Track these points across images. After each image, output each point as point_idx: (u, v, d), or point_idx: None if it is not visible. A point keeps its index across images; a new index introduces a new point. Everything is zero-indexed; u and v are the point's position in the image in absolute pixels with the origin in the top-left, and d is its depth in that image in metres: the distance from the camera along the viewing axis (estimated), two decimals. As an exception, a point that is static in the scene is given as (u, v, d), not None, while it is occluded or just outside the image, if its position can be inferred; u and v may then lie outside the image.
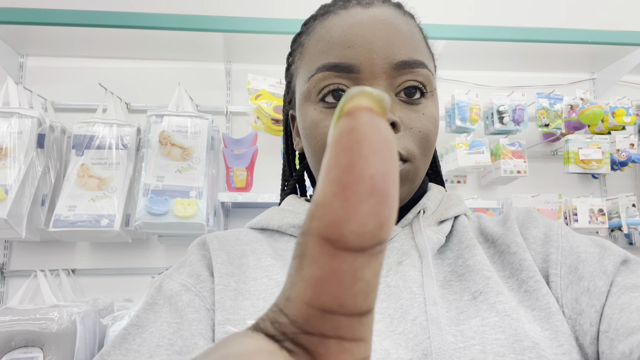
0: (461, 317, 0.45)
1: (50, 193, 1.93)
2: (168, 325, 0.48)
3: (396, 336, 0.44)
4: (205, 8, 2.03)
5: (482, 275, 0.47)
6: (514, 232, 0.53)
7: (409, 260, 0.49)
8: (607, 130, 2.36)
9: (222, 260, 0.52)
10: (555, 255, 0.49)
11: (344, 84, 0.50)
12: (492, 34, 2.10)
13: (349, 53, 0.50)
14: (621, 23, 2.30)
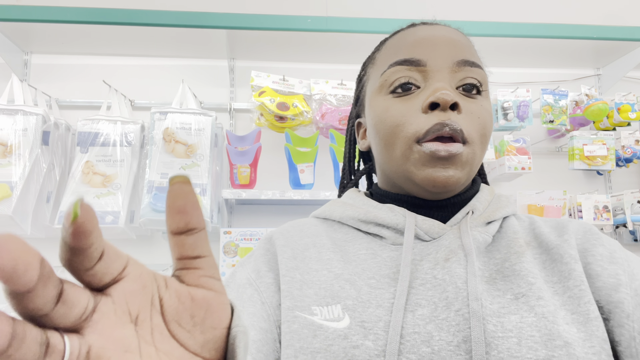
0: (502, 311, 0.50)
1: (55, 190, 1.94)
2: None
3: (439, 321, 0.49)
4: (209, 5, 2.03)
5: (526, 281, 0.52)
6: (569, 245, 0.57)
7: (455, 257, 0.54)
8: (612, 126, 2.35)
9: (288, 256, 0.59)
10: (623, 277, 0.53)
11: (414, 77, 0.57)
12: (496, 30, 2.09)
13: (418, 50, 0.58)
14: (626, 19, 2.28)
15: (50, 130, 1.90)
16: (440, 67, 0.57)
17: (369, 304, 0.51)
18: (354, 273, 0.55)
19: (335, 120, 2.08)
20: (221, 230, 1.91)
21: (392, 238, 0.58)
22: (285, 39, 2.21)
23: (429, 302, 0.51)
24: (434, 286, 0.52)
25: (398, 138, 0.56)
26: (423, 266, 0.54)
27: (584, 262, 0.55)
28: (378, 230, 0.59)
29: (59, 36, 2.15)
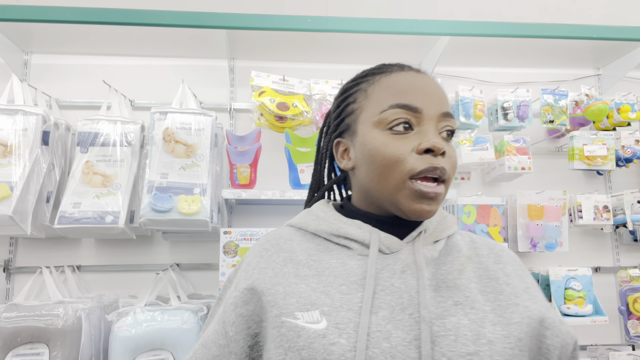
0: (445, 314, 0.64)
1: (55, 190, 1.94)
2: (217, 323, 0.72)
3: (396, 322, 0.62)
4: (209, 5, 2.03)
5: (463, 293, 0.67)
6: (504, 272, 0.73)
7: (410, 270, 0.68)
8: (612, 126, 2.35)
9: (270, 276, 0.70)
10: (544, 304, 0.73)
11: (411, 120, 0.69)
12: (496, 30, 2.09)
13: (415, 98, 0.69)
14: (627, 18, 2.28)
15: (50, 130, 1.90)
16: (431, 115, 0.69)
17: (341, 309, 0.63)
18: (327, 283, 0.67)
19: (335, 120, 2.08)
20: (221, 230, 1.91)
21: (358, 250, 0.71)
22: (285, 39, 2.21)
23: (388, 305, 0.64)
24: (392, 292, 0.65)
25: (394, 171, 0.68)
26: (384, 275, 0.67)
27: (525, 285, 0.72)
28: (347, 242, 0.72)
29: (59, 36, 2.15)
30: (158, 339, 1.71)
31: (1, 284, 2.09)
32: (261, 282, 0.69)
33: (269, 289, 0.68)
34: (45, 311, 1.69)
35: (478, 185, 2.43)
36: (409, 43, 2.26)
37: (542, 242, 2.19)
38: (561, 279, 2.14)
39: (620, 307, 2.21)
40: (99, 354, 1.78)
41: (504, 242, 2.15)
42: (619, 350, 2.25)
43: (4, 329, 1.65)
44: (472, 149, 2.12)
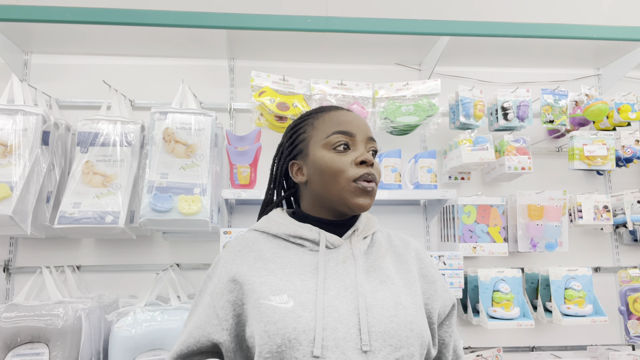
0: (374, 289, 0.90)
1: (55, 190, 1.94)
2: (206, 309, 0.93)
3: (341, 298, 0.87)
4: (209, 5, 2.03)
5: (385, 274, 0.94)
6: (411, 256, 1.02)
7: (349, 260, 0.94)
8: (612, 126, 2.35)
9: (246, 270, 0.92)
10: (438, 277, 1.03)
11: (348, 142, 0.96)
12: (496, 30, 2.09)
13: (351, 127, 0.97)
14: (626, 19, 2.28)
15: (50, 130, 1.90)
16: (361, 139, 0.97)
17: (302, 292, 0.87)
18: (290, 274, 0.91)
19: (335, 120, 2.08)
20: (221, 230, 1.91)
21: (310, 246, 0.96)
22: (285, 39, 2.21)
23: (335, 287, 0.89)
24: (337, 277, 0.91)
25: (341, 177, 0.94)
26: (330, 264, 0.92)
27: (420, 266, 1.01)
28: (301, 241, 0.96)
29: (59, 36, 2.15)
30: (158, 339, 1.71)
31: (1, 284, 2.10)
32: (240, 275, 0.91)
33: (247, 279, 0.90)
34: (45, 311, 1.69)
35: (478, 185, 2.43)
36: (409, 43, 2.27)
37: (542, 242, 2.19)
38: (561, 279, 2.14)
39: (620, 307, 2.21)
40: (99, 354, 1.78)
41: (504, 242, 2.15)
42: (619, 350, 2.25)
43: (4, 329, 1.65)
44: (472, 149, 2.12)
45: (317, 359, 0.80)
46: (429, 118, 2.13)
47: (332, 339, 0.82)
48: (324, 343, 0.81)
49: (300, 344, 0.80)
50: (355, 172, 0.93)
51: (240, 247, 0.97)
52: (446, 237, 2.27)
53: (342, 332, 0.83)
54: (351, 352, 0.82)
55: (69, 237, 2.04)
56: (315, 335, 0.81)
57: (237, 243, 0.99)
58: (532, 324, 2.05)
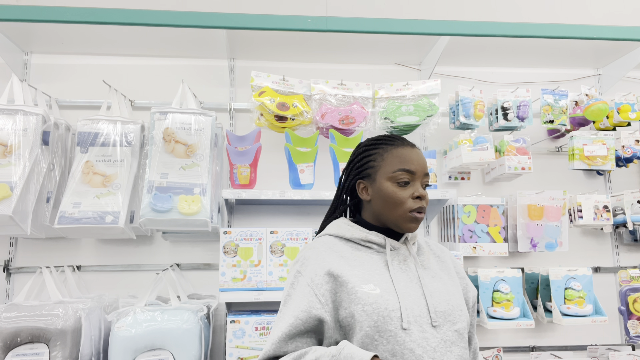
0: (431, 281, 1.17)
1: (55, 190, 1.94)
2: (306, 297, 1.11)
3: (409, 287, 1.13)
4: (209, 5, 2.03)
5: (434, 271, 1.21)
6: (447, 260, 1.29)
7: (409, 260, 1.20)
8: (612, 126, 2.35)
9: (336, 266, 1.13)
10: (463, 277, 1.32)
11: (409, 178, 1.17)
12: (496, 30, 2.09)
13: (412, 166, 1.18)
14: (626, 19, 2.28)
15: (50, 130, 1.90)
16: (419, 175, 1.19)
17: (382, 282, 1.12)
18: (367, 269, 1.15)
19: (335, 120, 2.08)
20: (221, 230, 1.91)
21: (376, 249, 1.20)
22: (285, 39, 2.21)
23: (403, 279, 1.15)
24: (402, 272, 1.16)
25: (400, 208, 1.17)
26: (394, 262, 1.18)
27: (454, 265, 1.29)
28: (370, 245, 1.20)
29: (59, 36, 2.15)
30: (158, 339, 1.71)
31: (1, 284, 2.10)
32: (334, 269, 1.12)
33: (340, 273, 1.11)
34: (45, 311, 1.69)
35: (478, 185, 2.43)
36: (409, 43, 2.27)
37: (542, 242, 2.19)
38: (561, 279, 2.14)
39: (620, 307, 2.21)
40: (99, 354, 1.78)
41: (504, 242, 2.15)
42: (619, 350, 2.25)
43: (4, 329, 1.65)
44: (472, 149, 2.12)
45: (405, 330, 1.06)
46: (429, 118, 2.13)
47: (412, 316, 1.08)
48: (407, 319, 1.07)
49: (391, 320, 1.06)
50: (411, 205, 1.16)
51: (324, 248, 1.19)
52: (446, 237, 2.27)
53: (417, 311, 1.09)
54: (426, 325, 1.09)
55: (69, 237, 2.04)
56: (402, 313, 1.07)
57: (319, 245, 1.20)
58: (532, 324, 2.05)
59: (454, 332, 1.11)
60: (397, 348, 1.05)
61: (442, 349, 1.07)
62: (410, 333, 1.06)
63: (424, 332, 1.07)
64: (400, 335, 1.05)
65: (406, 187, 1.17)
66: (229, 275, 1.88)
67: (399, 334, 1.05)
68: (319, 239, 1.23)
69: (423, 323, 1.08)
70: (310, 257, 1.17)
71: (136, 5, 1.96)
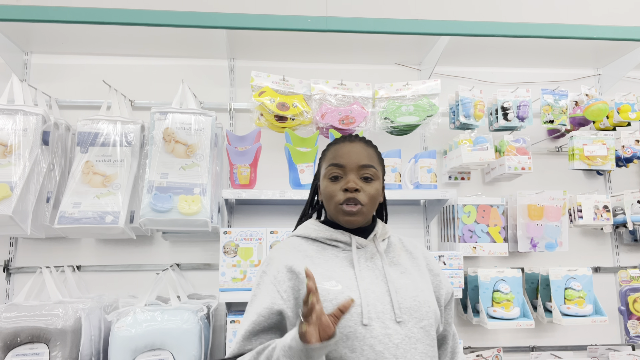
0: (398, 277, 1.17)
1: (55, 190, 1.94)
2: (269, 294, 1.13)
3: (374, 284, 1.14)
4: (209, 5, 2.03)
5: (403, 267, 1.21)
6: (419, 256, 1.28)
7: (376, 257, 1.20)
8: (612, 126, 2.35)
9: (299, 263, 1.15)
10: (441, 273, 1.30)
11: (339, 172, 1.19)
12: (496, 30, 2.09)
13: (342, 160, 1.19)
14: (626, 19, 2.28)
15: (50, 130, 1.90)
16: (350, 168, 1.19)
17: (345, 279, 1.13)
18: (331, 266, 1.16)
19: (335, 120, 2.08)
20: (221, 230, 1.91)
21: (342, 247, 1.21)
22: (285, 39, 2.21)
23: (368, 276, 1.15)
24: (369, 269, 1.17)
25: (331, 202, 1.18)
26: (361, 260, 1.18)
27: (427, 262, 1.27)
28: (336, 243, 1.21)
29: (59, 36, 2.15)
30: (158, 339, 1.71)
31: (1, 284, 2.10)
32: (296, 267, 1.14)
33: (301, 270, 1.13)
34: (45, 311, 1.69)
35: (478, 185, 2.43)
36: (409, 43, 2.27)
37: (542, 242, 2.19)
38: (561, 279, 2.14)
39: (620, 307, 2.21)
40: (99, 354, 1.78)
41: (504, 242, 2.15)
42: (619, 350, 2.25)
43: (4, 329, 1.65)
44: (472, 149, 2.12)
45: (365, 326, 1.06)
46: (429, 118, 2.13)
47: (374, 312, 1.08)
48: (369, 315, 1.07)
49: (351, 316, 1.06)
50: (340, 197, 1.17)
51: (289, 248, 1.21)
52: (446, 237, 2.27)
53: (380, 307, 1.09)
54: (389, 322, 1.08)
55: (69, 237, 2.04)
56: (362, 309, 1.07)
57: (284, 245, 1.23)
58: (532, 324, 2.05)
59: (419, 328, 1.10)
60: (357, 344, 1.04)
61: (406, 346, 1.07)
62: (371, 329, 1.06)
63: (387, 328, 1.06)
64: (360, 332, 1.05)
65: (338, 181, 1.18)
66: (229, 275, 1.88)
67: (358, 330, 1.05)
68: (286, 241, 1.25)
69: (386, 319, 1.08)
70: (275, 257, 1.19)
71: (136, 5, 1.96)
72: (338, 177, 1.18)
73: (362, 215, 1.17)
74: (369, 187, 1.18)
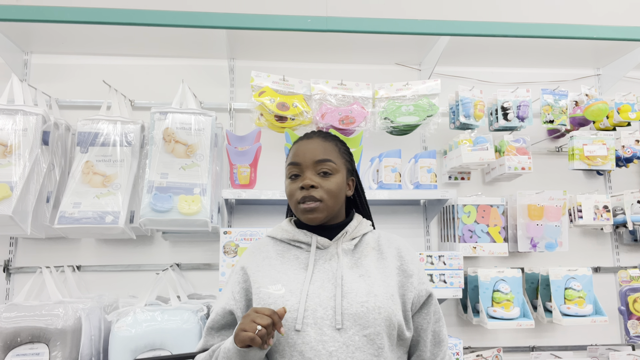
0: (352, 281, 1.11)
1: (55, 190, 1.94)
2: (228, 294, 1.18)
3: (324, 288, 1.10)
4: (209, 5, 2.03)
5: (364, 269, 1.15)
6: (392, 255, 1.21)
7: (334, 258, 1.16)
8: (612, 126, 2.35)
9: (254, 266, 1.19)
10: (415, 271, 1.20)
11: (297, 171, 1.18)
12: (496, 30, 2.09)
13: (297, 158, 1.18)
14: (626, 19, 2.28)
15: (50, 130, 1.90)
16: (307, 165, 1.17)
17: (293, 282, 1.12)
18: (287, 269, 1.16)
19: (335, 120, 2.08)
20: (221, 230, 1.91)
21: (305, 248, 1.20)
22: (285, 39, 2.21)
23: (321, 279, 1.12)
24: (324, 272, 1.14)
25: (291, 201, 1.18)
26: (319, 262, 1.16)
27: (400, 262, 1.19)
28: (299, 244, 1.21)
29: (59, 36, 2.15)
30: (158, 339, 1.71)
31: (1, 284, 2.10)
32: (250, 270, 1.18)
33: (253, 273, 1.17)
34: (45, 311, 1.69)
35: (478, 185, 2.43)
36: (409, 43, 2.27)
37: (542, 242, 2.19)
38: (561, 279, 2.14)
39: (620, 307, 2.21)
40: (99, 354, 1.78)
41: (504, 242, 2.15)
42: (619, 350, 2.25)
43: (4, 329, 1.65)
44: (472, 149, 2.12)
45: (298, 332, 1.05)
46: (429, 118, 2.13)
47: (312, 318, 1.05)
48: (305, 321, 1.05)
49: (286, 320, 1.05)
50: (298, 196, 1.16)
51: (255, 249, 1.24)
52: (446, 237, 2.27)
53: (320, 313, 1.06)
54: (327, 328, 1.05)
55: (69, 237, 2.04)
56: (298, 315, 1.05)
57: (252, 246, 1.27)
58: (532, 324, 2.05)
59: (362, 336, 1.04)
60: (287, 350, 1.04)
61: (342, 354, 1.02)
62: (304, 335, 1.04)
63: (323, 334, 1.03)
64: (291, 337, 1.04)
65: (296, 180, 1.17)
66: (229, 275, 1.88)
67: (290, 335, 1.04)
68: (259, 240, 1.28)
69: (324, 325, 1.04)
70: (241, 258, 1.24)
71: (136, 5, 1.96)
72: (297, 176, 1.18)
73: (322, 212, 1.15)
74: (326, 182, 1.16)
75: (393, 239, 1.25)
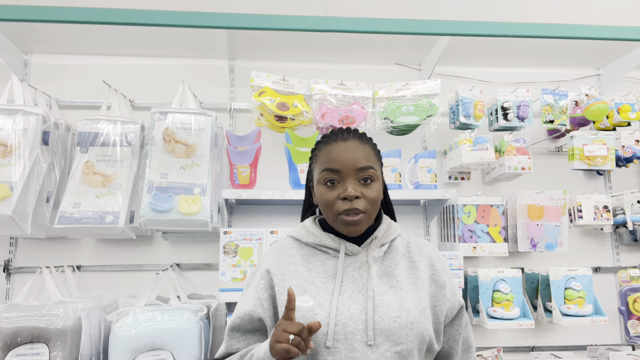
0: (383, 293, 1.06)
1: (55, 190, 1.94)
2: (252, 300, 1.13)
3: (354, 299, 1.06)
4: (209, 5, 2.03)
5: (395, 279, 1.10)
6: (423, 264, 1.15)
7: (364, 267, 1.11)
8: (612, 126, 2.35)
9: (279, 274, 1.13)
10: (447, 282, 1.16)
11: (335, 178, 1.09)
12: (496, 30, 2.09)
13: (337, 164, 1.09)
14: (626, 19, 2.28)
15: (50, 130, 1.90)
16: (347, 172, 1.08)
17: (322, 292, 1.07)
18: (314, 277, 1.10)
19: (335, 120, 2.08)
20: (221, 230, 1.91)
21: (332, 253, 1.14)
22: (285, 39, 2.21)
23: (350, 289, 1.07)
24: (353, 281, 1.08)
25: (329, 211, 1.09)
26: (348, 270, 1.10)
27: (432, 272, 1.15)
28: (326, 249, 1.14)
29: (59, 36, 2.15)
30: (158, 339, 1.71)
31: (1, 284, 2.10)
32: (276, 277, 1.12)
33: (279, 282, 1.11)
34: (45, 311, 1.69)
35: (478, 185, 2.43)
36: (409, 43, 2.27)
37: (542, 242, 2.18)
38: (561, 279, 2.14)
39: (620, 307, 2.21)
40: (99, 354, 1.78)
41: (504, 242, 2.15)
42: (619, 350, 2.25)
43: (4, 329, 1.65)
44: (472, 149, 2.12)
45: (328, 349, 1.00)
46: (429, 118, 2.13)
47: (342, 333, 1.01)
48: (335, 336, 1.01)
49: (316, 336, 1.01)
50: (339, 207, 1.08)
51: (279, 252, 1.18)
52: (446, 237, 2.27)
53: (351, 327, 1.02)
54: (358, 344, 1.00)
55: (69, 237, 2.04)
56: (328, 330, 1.01)
57: (276, 248, 1.20)
58: (532, 324, 2.05)
59: (393, 353, 1.00)
60: None
61: None
62: (335, 352, 1.00)
63: (354, 351, 0.99)
64: (321, 354, 1.00)
65: (334, 187, 1.08)
66: (229, 275, 1.88)
67: (320, 351, 1.00)
68: (281, 241, 1.22)
69: (355, 341, 1.00)
70: (265, 260, 1.18)
71: (136, 5, 1.96)
72: (334, 182, 1.09)
73: (364, 224, 1.09)
74: (369, 190, 1.08)
75: (424, 246, 1.20)
